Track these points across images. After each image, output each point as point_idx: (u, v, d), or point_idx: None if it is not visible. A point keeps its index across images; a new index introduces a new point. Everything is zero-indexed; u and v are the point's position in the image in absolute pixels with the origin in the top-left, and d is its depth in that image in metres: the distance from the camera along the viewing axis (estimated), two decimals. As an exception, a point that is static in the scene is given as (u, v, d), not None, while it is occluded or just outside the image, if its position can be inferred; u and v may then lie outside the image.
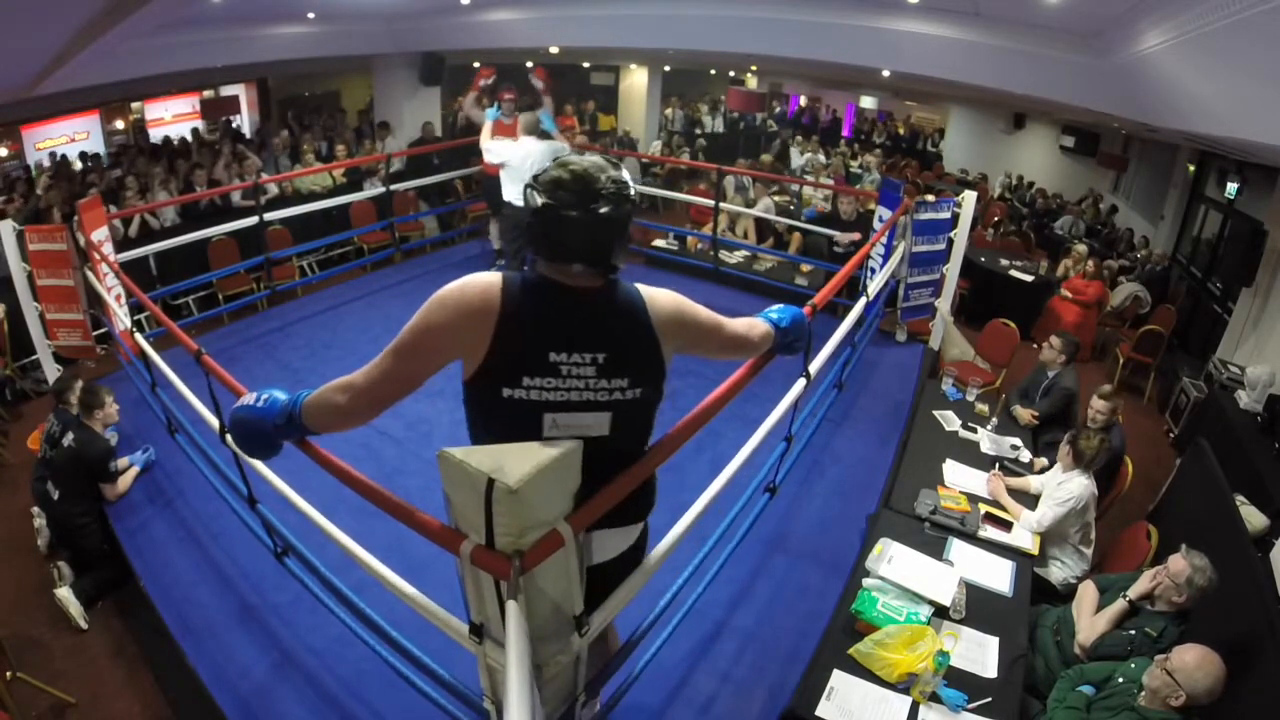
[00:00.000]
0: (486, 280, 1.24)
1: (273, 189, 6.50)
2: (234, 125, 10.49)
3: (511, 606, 1.11)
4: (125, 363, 3.94)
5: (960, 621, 2.36)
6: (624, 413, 1.31)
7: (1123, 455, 3.36)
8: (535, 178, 1.25)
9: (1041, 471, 3.24)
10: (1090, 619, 2.46)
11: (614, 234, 1.24)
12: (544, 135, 4.89)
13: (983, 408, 3.76)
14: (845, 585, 2.52)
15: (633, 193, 1.27)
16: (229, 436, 1.50)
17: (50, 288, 4.00)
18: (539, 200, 1.22)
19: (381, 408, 1.33)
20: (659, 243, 6.45)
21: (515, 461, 1.09)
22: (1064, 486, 2.85)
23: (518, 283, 1.25)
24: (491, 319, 1.21)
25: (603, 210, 1.21)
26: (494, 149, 4.83)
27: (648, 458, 1.45)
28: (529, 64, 10.43)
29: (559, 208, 1.20)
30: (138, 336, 3.21)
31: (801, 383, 2.60)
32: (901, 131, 14.63)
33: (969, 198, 4.67)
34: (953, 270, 4.79)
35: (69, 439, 3.07)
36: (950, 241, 4.72)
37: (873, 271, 4.47)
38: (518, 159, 4.70)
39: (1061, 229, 8.89)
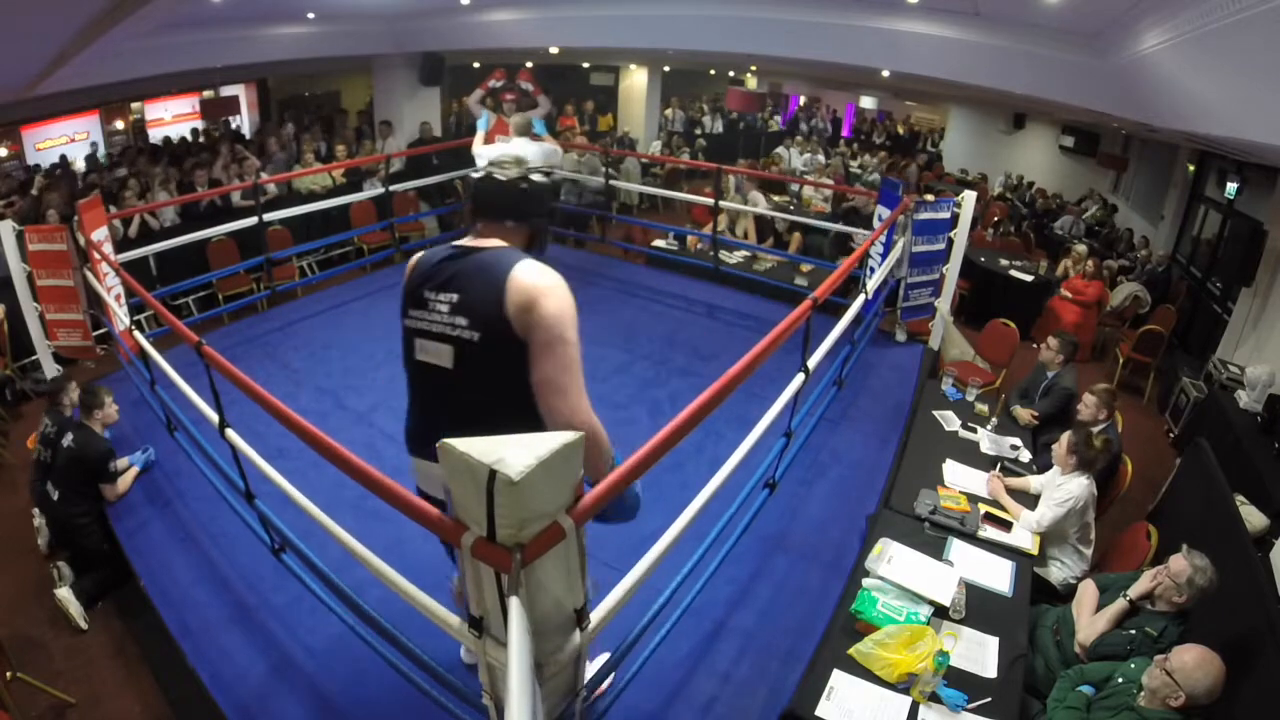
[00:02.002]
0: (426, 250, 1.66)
1: (272, 189, 6.50)
2: (234, 125, 10.50)
3: (513, 603, 1.11)
4: (125, 362, 3.94)
5: (960, 621, 2.36)
6: (464, 351, 1.51)
7: (1120, 456, 3.36)
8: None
9: (1040, 472, 3.24)
10: (1090, 618, 2.46)
11: (499, 194, 1.60)
12: (535, 138, 4.91)
13: (983, 408, 3.76)
14: (845, 585, 2.53)
15: (530, 171, 1.64)
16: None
17: (50, 288, 3.99)
18: (480, 172, 1.64)
19: None
20: (659, 243, 6.46)
21: (517, 453, 1.09)
22: (1063, 487, 2.85)
23: (435, 247, 1.63)
24: (408, 273, 1.63)
25: (518, 176, 1.61)
26: (485, 154, 4.85)
27: (641, 456, 1.44)
28: (528, 64, 10.46)
29: (483, 173, 1.63)
30: (137, 335, 3.21)
31: (800, 378, 2.61)
32: (901, 131, 14.63)
33: (969, 198, 4.67)
34: (952, 270, 4.79)
35: (68, 440, 3.07)
36: (950, 241, 4.72)
37: (871, 270, 4.47)
38: None
39: (1061, 229, 8.90)
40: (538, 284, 1.45)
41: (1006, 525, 2.89)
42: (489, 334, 1.47)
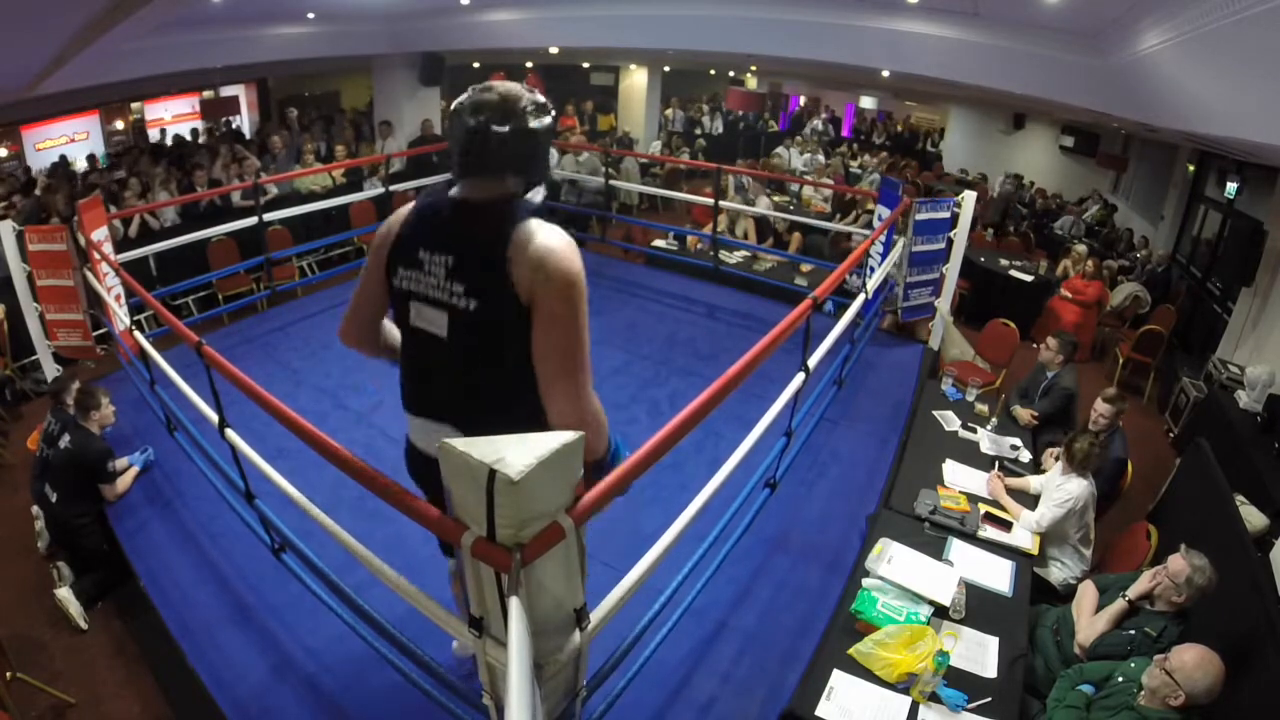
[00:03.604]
0: (412, 201, 1.49)
1: (273, 189, 6.50)
2: (234, 126, 10.50)
3: (513, 603, 1.11)
4: (125, 363, 3.94)
5: (960, 621, 2.36)
6: (460, 321, 1.37)
7: (1126, 463, 3.35)
8: (460, 101, 1.39)
9: (1039, 472, 3.24)
10: (1090, 619, 2.46)
11: (506, 147, 1.34)
12: None
13: (983, 408, 3.76)
14: (845, 585, 2.53)
15: (528, 117, 1.35)
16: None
17: (50, 288, 3.99)
18: (469, 121, 1.34)
19: (363, 324, 1.63)
20: (659, 242, 6.46)
21: (517, 452, 1.09)
22: (1063, 488, 2.85)
23: (426, 197, 1.46)
24: (399, 224, 1.46)
25: (518, 125, 1.34)
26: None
27: (640, 456, 1.44)
28: (529, 64, 10.45)
29: (475, 125, 1.34)
30: (137, 335, 3.21)
31: (800, 377, 2.61)
32: (901, 131, 14.62)
33: (969, 198, 4.67)
34: (952, 270, 4.79)
35: (65, 440, 3.06)
36: (950, 241, 4.72)
37: (871, 270, 4.46)
38: None
39: (1061, 229, 8.90)
40: (548, 245, 1.30)
41: (1006, 525, 2.89)
42: (487, 301, 1.33)
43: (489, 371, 1.40)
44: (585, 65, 12.70)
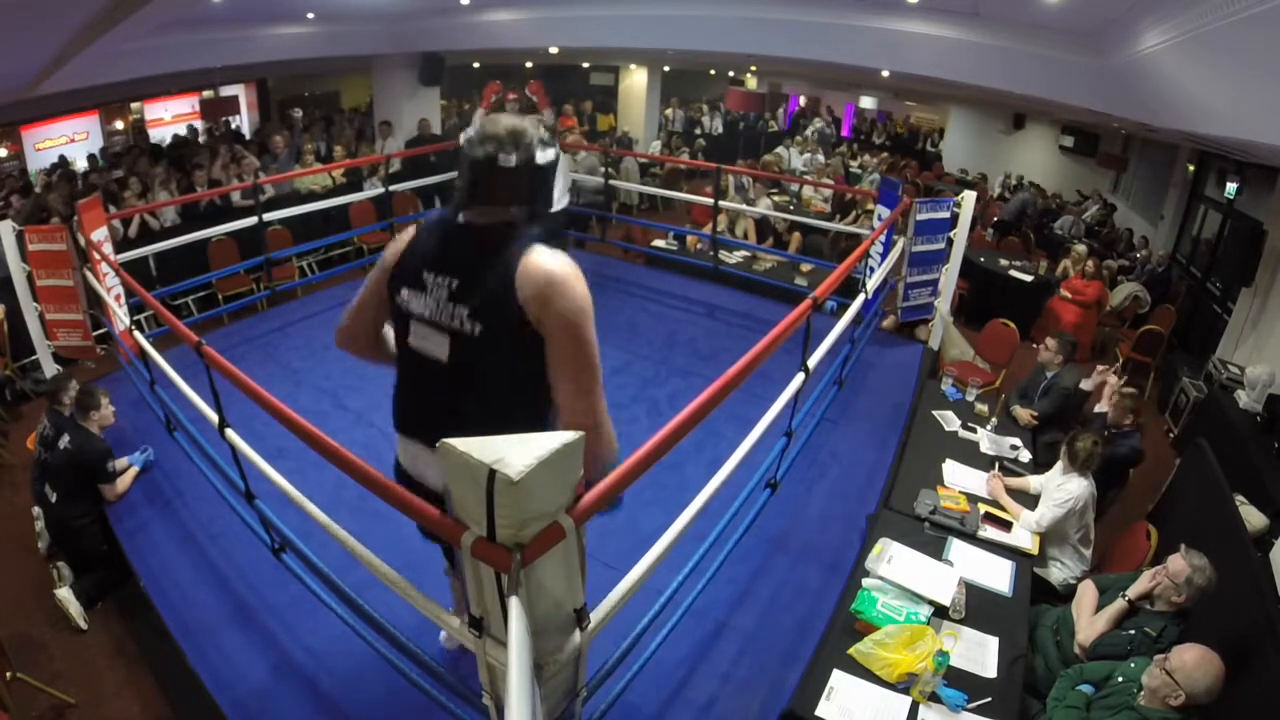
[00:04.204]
0: (419, 221, 1.55)
1: (270, 189, 6.50)
2: (234, 126, 10.50)
3: (513, 603, 1.11)
4: (125, 363, 3.94)
5: (960, 621, 2.36)
6: (462, 345, 1.40)
7: (1136, 458, 3.34)
8: (469, 133, 1.49)
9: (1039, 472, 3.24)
10: (1090, 618, 2.46)
11: (501, 179, 1.40)
12: None
13: (982, 408, 3.76)
14: (845, 585, 2.53)
15: (535, 150, 1.41)
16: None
17: (50, 288, 3.99)
18: (477, 152, 1.39)
19: (362, 331, 1.66)
20: (659, 242, 6.46)
21: (517, 452, 1.09)
22: (1063, 487, 2.85)
23: (430, 220, 1.52)
24: (404, 244, 1.51)
25: (525, 158, 1.39)
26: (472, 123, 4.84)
27: (640, 456, 1.44)
28: (528, 64, 10.44)
29: (483, 156, 1.39)
30: (137, 335, 3.21)
31: (800, 377, 2.61)
32: (901, 131, 14.62)
33: (969, 198, 4.67)
34: (952, 270, 4.79)
35: (65, 441, 3.06)
36: (950, 241, 4.72)
37: (871, 270, 4.46)
38: None
39: (1061, 229, 8.90)
40: (557, 272, 1.32)
41: (1006, 525, 2.89)
42: (492, 326, 1.36)
43: (487, 394, 1.42)
44: (585, 65, 12.71)
